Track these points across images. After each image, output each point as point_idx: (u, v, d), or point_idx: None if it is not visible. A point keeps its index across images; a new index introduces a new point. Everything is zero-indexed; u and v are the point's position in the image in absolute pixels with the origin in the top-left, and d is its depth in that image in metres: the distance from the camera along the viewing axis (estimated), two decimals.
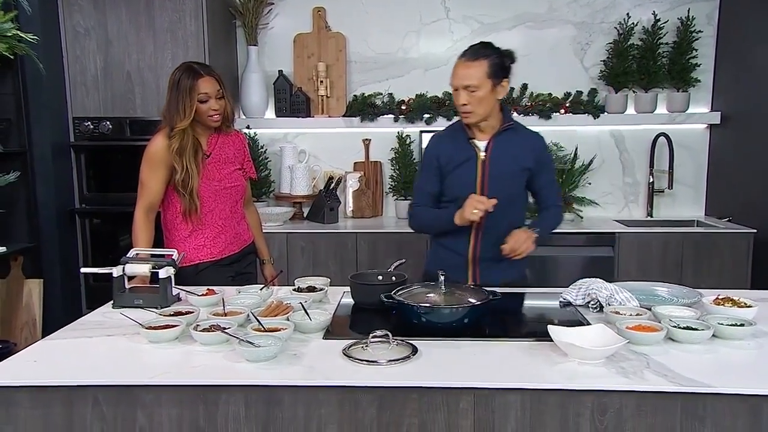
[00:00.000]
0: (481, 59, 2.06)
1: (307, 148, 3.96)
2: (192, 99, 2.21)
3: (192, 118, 2.22)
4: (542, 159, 2.23)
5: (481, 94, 2.06)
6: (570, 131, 3.88)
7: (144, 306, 1.93)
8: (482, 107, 2.08)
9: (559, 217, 2.32)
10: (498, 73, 2.08)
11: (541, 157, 2.22)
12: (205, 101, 2.23)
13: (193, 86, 2.21)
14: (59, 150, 3.46)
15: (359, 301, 2.00)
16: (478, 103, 2.07)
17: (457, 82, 2.09)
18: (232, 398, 1.44)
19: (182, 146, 2.22)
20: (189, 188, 2.23)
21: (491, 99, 2.09)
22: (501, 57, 2.11)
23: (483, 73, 2.05)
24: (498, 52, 2.12)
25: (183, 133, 2.23)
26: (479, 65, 2.05)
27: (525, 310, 2.05)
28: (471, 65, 2.06)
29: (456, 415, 1.41)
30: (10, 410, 1.44)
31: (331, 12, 3.91)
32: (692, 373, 1.39)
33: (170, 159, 2.23)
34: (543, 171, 2.22)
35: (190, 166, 2.23)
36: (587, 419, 1.39)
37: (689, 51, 3.70)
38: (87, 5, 3.41)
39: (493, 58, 2.08)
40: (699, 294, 1.90)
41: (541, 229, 2.16)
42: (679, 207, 3.94)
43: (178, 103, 2.22)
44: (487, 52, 2.09)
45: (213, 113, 2.26)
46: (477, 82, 2.05)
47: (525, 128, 2.26)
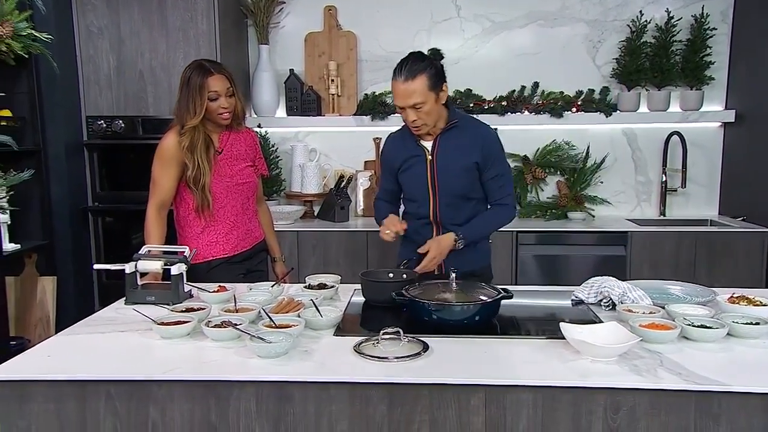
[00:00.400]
0: (418, 75, 2.04)
1: (318, 147, 3.97)
2: (202, 97, 2.22)
3: (202, 115, 2.23)
4: (489, 152, 2.20)
5: (428, 108, 2.09)
6: (582, 130, 3.86)
7: (156, 302, 1.94)
8: (431, 118, 2.13)
9: (502, 216, 2.26)
10: (437, 83, 2.09)
11: (487, 150, 2.20)
12: (215, 99, 2.24)
13: (204, 84, 2.22)
14: (73, 148, 3.49)
15: (370, 298, 2.00)
16: (426, 116, 2.11)
17: (401, 102, 2.10)
18: (244, 394, 1.44)
19: (193, 143, 2.23)
20: (201, 184, 2.25)
21: (437, 107, 2.13)
22: (433, 65, 2.09)
23: (424, 87, 2.05)
24: (429, 60, 2.10)
25: (194, 131, 2.24)
26: (419, 81, 2.04)
27: (537, 308, 2.03)
28: (410, 84, 2.04)
29: (467, 412, 1.41)
30: (24, 405, 1.45)
31: (343, 11, 3.91)
32: (707, 372, 1.38)
33: (182, 156, 2.24)
34: (489, 165, 2.20)
35: (202, 163, 2.24)
36: (600, 417, 1.37)
37: (703, 48, 3.67)
38: (100, 5, 3.44)
39: (429, 70, 2.07)
40: (713, 292, 1.88)
41: (469, 233, 2.18)
42: (693, 206, 3.90)
43: (188, 101, 2.23)
44: (421, 66, 2.06)
45: (223, 111, 2.27)
46: (421, 99, 2.06)
47: (474, 123, 2.26)
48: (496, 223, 2.27)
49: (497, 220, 2.26)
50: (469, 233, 2.18)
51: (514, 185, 3.84)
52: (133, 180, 3.56)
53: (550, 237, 3.49)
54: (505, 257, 3.45)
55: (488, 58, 3.89)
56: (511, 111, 3.80)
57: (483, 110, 3.79)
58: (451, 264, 2.19)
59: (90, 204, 3.62)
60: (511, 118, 3.79)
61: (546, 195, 3.93)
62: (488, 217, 2.25)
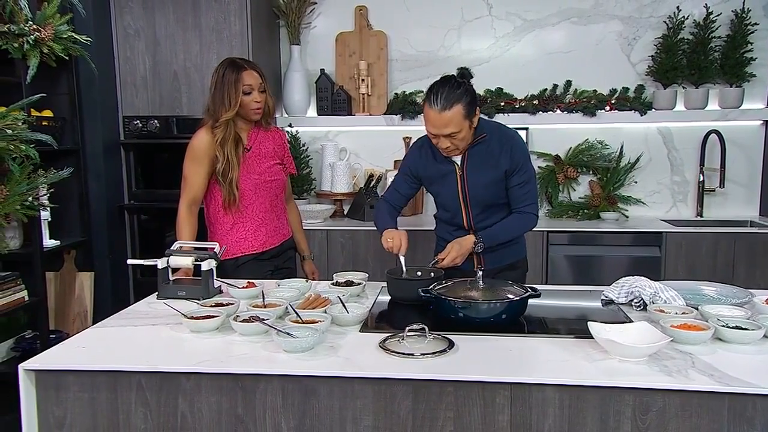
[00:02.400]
0: (454, 105, 2.00)
1: (348, 146, 3.99)
2: (237, 90, 2.27)
3: (237, 109, 2.27)
4: (517, 160, 2.18)
5: (462, 135, 2.07)
6: (615, 128, 3.79)
7: (187, 297, 1.98)
8: (465, 143, 2.12)
9: (524, 224, 2.25)
10: (472, 110, 2.05)
11: (516, 158, 2.17)
12: (248, 93, 2.29)
13: (239, 78, 2.27)
14: (110, 147, 3.58)
15: (395, 296, 2.00)
16: (461, 142, 2.10)
17: (436, 131, 2.06)
18: (270, 387, 1.46)
19: (225, 138, 2.28)
20: (229, 179, 2.29)
21: (470, 132, 2.11)
22: (468, 92, 2.04)
23: (460, 117, 2.02)
24: (465, 87, 2.04)
25: (227, 125, 2.28)
26: (455, 112, 2.00)
27: (565, 308, 2.01)
28: (446, 114, 2.00)
29: (492, 410, 1.40)
30: (59, 394, 1.50)
31: (373, 11, 3.93)
32: (740, 373, 1.34)
33: (212, 152, 2.28)
34: (514, 172, 2.18)
35: (231, 157, 2.28)
36: (628, 418, 1.35)
37: (744, 45, 3.56)
38: (137, 7, 3.52)
39: (465, 98, 2.01)
40: (750, 294, 1.83)
41: (489, 239, 2.18)
42: (731, 207, 3.80)
43: (223, 95, 2.28)
44: (457, 95, 2.00)
45: (256, 105, 2.31)
46: (457, 128, 2.03)
47: (500, 131, 2.21)
48: (517, 230, 2.26)
49: (519, 226, 2.25)
50: (489, 239, 2.18)
51: (546, 185, 3.82)
52: (168, 178, 3.63)
53: (582, 237, 3.43)
54: (536, 257, 3.41)
55: (520, 57, 3.85)
56: (542, 110, 3.75)
57: (514, 109, 3.76)
58: (488, 259, 2.25)
59: (126, 202, 3.70)
60: (542, 117, 3.75)
61: (578, 195, 3.87)
62: (510, 224, 2.23)
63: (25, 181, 2.54)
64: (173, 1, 3.49)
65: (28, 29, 2.45)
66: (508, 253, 2.31)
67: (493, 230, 2.21)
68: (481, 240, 2.16)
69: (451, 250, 2.13)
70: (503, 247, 2.28)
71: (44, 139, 2.51)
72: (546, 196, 3.88)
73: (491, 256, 2.26)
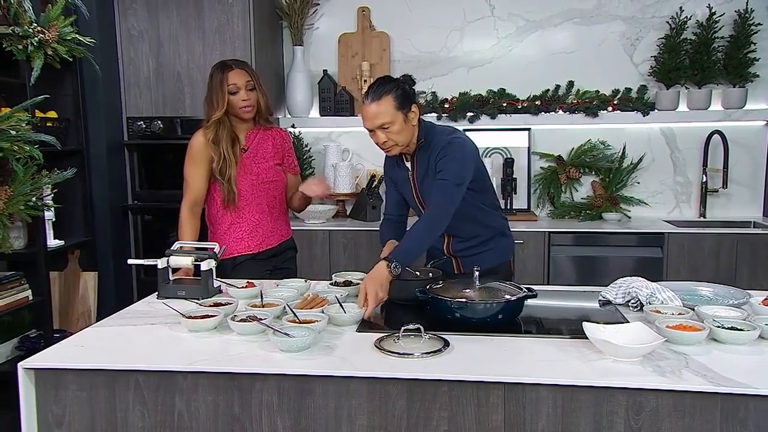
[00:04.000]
0: (384, 96, 2.04)
1: (351, 147, 4.00)
2: (223, 90, 2.30)
3: (225, 109, 2.30)
4: (438, 159, 2.11)
5: (397, 128, 2.07)
6: (618, 129, 3.78)
7: (186, 297, 1.99)
8: (401, 138, 2.10)
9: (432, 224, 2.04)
10: (405, 103, 2.07)
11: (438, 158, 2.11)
12: (235, 92, 2.31)
13: (223, 79, 2.31)
14: (114, 148, 3.60)
15: (393, 296, 2.00)
16: (396, 136, 2.08)
17: (369, 125, 2.09)
18: (266, 386, 1.47)
19: (218, 135, 2.31)
20: (227, 176, 2.31)
21: (407, 128, 2.10)
22: (402, 86, 2.08)
23: (391, 107, 2.04)
24: (397, 83, 2.08)
25: (218, 124, 2.32)
26: (385, 102, 2.04)
27: (563, 309, 2.01)
28: (377, 105, 2.04)
29: (486, 409, 1.40)
30: (58, 392, 1.52)
31: (376, 12, 3.94)
32: (734, 374, 1.34)
33: (208, 152, 2.30)
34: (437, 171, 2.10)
35: (228, 155, 2.30)
36: (621, 418, 1.35)
37: (747, 45, 3.55)
38: (141, 9, 3.54)
39: (396, 91, 2.05)
40: (748, 294, 1.82)
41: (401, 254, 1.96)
42: (735, 208, 3.78)
43: (212, 96, 2.32)
44: (387, 88, 2.05)
45: (243, 104, 2.33)
46: (389, 119, 2.05)
47: (438, 135, 2.16)
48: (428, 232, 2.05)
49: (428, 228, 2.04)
50: (401, 254, 1.96)
51: (548, 186, 3.82)
52: (171, 179, 3.64)
53: (583, 238, 3.43)
54: (537, 257, 3.41)
55: (522, 58, 3.85)
56: (545, 110, 3.76)
57: (516, 110, 3.76)
58: (469, 263, 2.23)
59: (130, 202, 3.73)
60: (544, 118, 3.76)
61: (580, 195, 3.87)
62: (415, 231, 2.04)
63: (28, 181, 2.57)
64: (177, 3, 3.51)
65: (32, 31, 2.47)
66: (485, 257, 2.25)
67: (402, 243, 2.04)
68: (393, 259, 1.92)
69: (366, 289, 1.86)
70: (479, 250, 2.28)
71: (48, 140, 2.52)
72: (548, 197, 3.88)
73: (468, 261, 2.27)
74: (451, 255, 2.33)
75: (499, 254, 2.35)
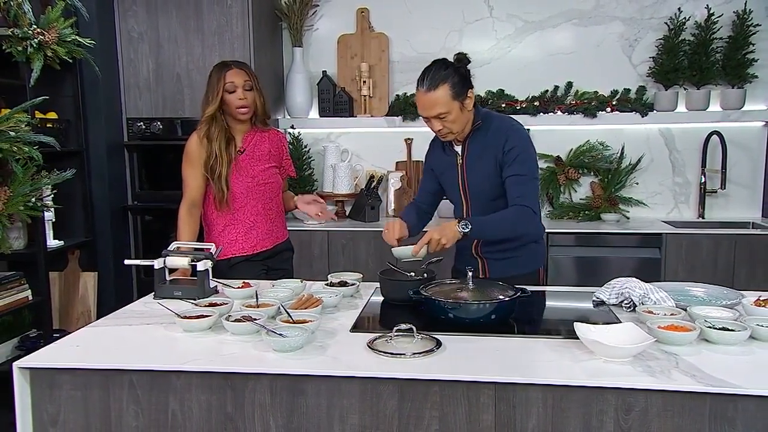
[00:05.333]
0: (440, 84, 2.00)
1: (350, 148, 4.01)
2: (219, 88, 2.32)
3: (218, 104, 2.32)
4: (509, 149, 2.09)
5: (453, 117, 2.05)
6: (617, 130, 3.79)
7: (183, 297, 2.01)
8: (457, 125, 2.09)
9: (519, 216, 2.06)
10: (461, 91, 2.03)
11: (508, 146, 2.09)
12: (232, 91, 2.33)
13: (221, 76, 2.33)
14: (114, 149, 3.62)
15: (388, 296, 2.02)
16: (452, 124, 2.07)
17: (425, 113, 2.07)
18: (259, 386, 1.48)
19: (211, 132, 2.33)
20: (217, 174, 2.31)
21: (463, 115, 2.08)
22: (457, 72, 2.04)
23: (447, 97, 2.01)
24: (453, 68, 2.04)
25: (212, 120, 2.33)
26: (441, 91, 2.00)
27: (557, 309, 2.01)
28: (433, 94, 2.01)
29: (477, 409, 1.41)
30: (53, 391, 1.53)
31: (375, 13, 3.95)
32: (723, 374, 1.34)
33: (202, 151, 2.32)
34: (507, 163, 2.10)
35: (220, 153, 2.31)
36: (611, 417, 1.36)
37: (746, 46, 3.55)
38: (141, 10, 3.56)
39: (452, 78, 2.01)
40: (741, 295, 1.83)
41: (478, 223, 2.03)
42: (734, 208, 3.78)
43: (208, 93, 2.35)
44: (443, 75, 2.01)
45: (240, 103, 2.34)
46: (445, 109, 2.02)
47: (498, 120, 2.18)
48: (512, 222, 2.07)
49: (513, 218, 2.06)
50: (478, 223, 2.03)
51: (547, 186, 3.82)
52: (171, 179, 3.65)
53: (582, 238, 3.43)
54: None
55: (521, 59, 3.86)
56: (543, 111, 3.77)
57: (515, 111, 3.77)
58: (497, 268, 2.22)
59: (130, 202, 3.75)
60: (543, 119, 3.76)
61: (579, 196, 3.87)
62: (503, 214, 2.08)
63: (28, 182, 2.58)
64: (176, 5, 3.53)
65: (32, 33, 2.49)
66: (514, 263, 2.21)
67: (484, 218, 2.10)
68: (467, 223, 2.00)
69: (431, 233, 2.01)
70: (508, 255, 2.20)
71: (47, 141, 2.54)
72: (547, 197, 3.88)
73: (496, 265, 2.23)
74: (479, 256, 2.25)
75: (528, 263, 2.25)
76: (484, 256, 2.26)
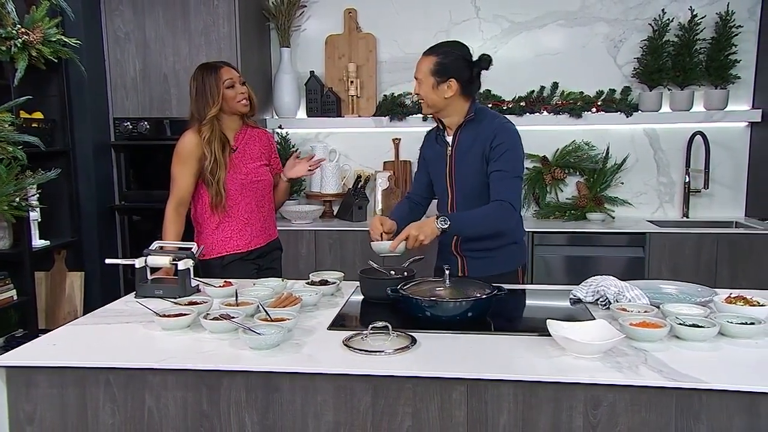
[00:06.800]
0: (431, 55, 2.13)
1: (338, 148, 4.02)
2: (219, 86, 2.34)
3: (220, 105, 2.34)
4: (495, 145, 2.11)
5: (425, 89, 2.14)
6: (602, 130, 3.81)
7: (164, 296, 2.02)
8: (429, 99, 2.16)
9: (497, 212, 2.07)
10: (440, 72, 2.11)
11: (496, 142, 2.11)
12: (231, 86, 2.37)
13: (218, 75, 2.36)
14: (101, 149, 3.63)
15: (368, 295, 2.03)
16: (425, 95, 2.16)
17: (415, 72, 2.18)
18: (234, 383, 1.49)
19: (212, 136, 2.35)
20: (217, 178, 2.34)
21: (436, 95, 2.13)
22: (450, 56, 2.11)
23: (427, 68, 2.12)
24: (454, 51, 2.12)
25: (212, 123, 2.35)
26: (427, 60, 2.12)
27: (534, 307, 2.03)
28: (423, 59, 2.14)
29: (449, 405, 1.43)
30: (29, 390, 1.54)
31: (362, 13, 3.97)
32: (690, 370, 1.36)
33: (200, 152, 2.34)
34: (493, 158, 2.11)
35: (219, 156, 2.33)
36: (580, 413, 1.38)
37: (728, 47, 3.59)
38: (127, 11, 3.57)
39: (441, 57, 2.11)
40: (714, 293, 1.85)
41: (456, 219, 2.05)
42: (717, 208, 3.81)
43: (206, 94, 2.36)
44: (442, 51, 2.13)
45: (241, 98, 2.39)
46: (420, 76, 2.14)
47: (490, 116, 2.21)
48: (491, 218, 2.08)
49: (493, 214, 2.08)
50: (457, 219, 2.05)
51: (533, 186, 3.84)
52: (158, 179, 3.65)
53: (566, 238, 3.46)
54: None
55: (507, 59, 3.88)
56: (529, 111, 3.79)
57: (502, 111, 3.77)
58: (476, 266, 2.25)
59: (117, 202, 3.75)
60: (529, 119, 3.78)
61: (565, 196, 3.90)
62: (482, 210, 2.10)
63: (12, 182, 2.59)
64: (162, 5, 3.54)
65: (16, 33, 2.49)
66: (493, 262, 2.23)
67: (463, 214, 2.14)
68: (445, 218, 2.02)
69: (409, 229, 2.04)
70: (488, 254, 2.23)
71: (31, 141, 2.55)
72: (533, 197, 3.90)
73: (475, 263, 2.25)
74: (459, 254, 2.28)
75: (508, 262, 2.27)
76: (464, 255, 2.28)
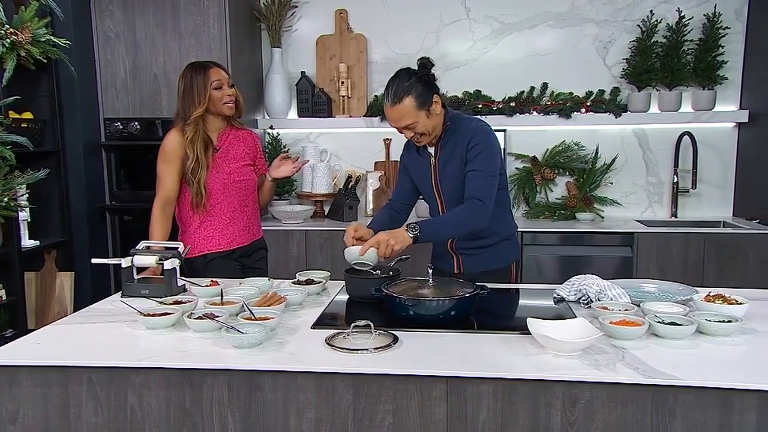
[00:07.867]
0: (404, 97, 2.03)
1: (329, 148, 4.03)
2: (206, 87, 2.35)
3: (206, 105, 2.35)
4: (471, 147, 2.12)
5: (421, 126, 2.09)
6: (591, 130, 3.83)
7: (150, 296, 2.02)
8: (431, 128, 2.13)
9: (467, 213, 2.07)
10: (426, 99, 2.06)
11: (470, 144, 2.12)
12: (219, 88, 2.38)
13: (207, 75, 2.37)
14: (91, 149, 3.63)
15: (352, 294, 2.04)
16: (423, 131, 2.11)
17: (394, 125, 2.13)
18: (216, 382, 1.50)
19: (195, 136, 2.35)
20: (198, 178, 2.35)
21: (431, 120, 2.11)
22: (420, 80, 2.05)
23: (412, 108, 2.04)
24: (416, 77, 2.05)
25: (196, 123, 2.35)
26: (406, 103, 2.03)
27: (518, 305, 2.05)
28: (398, 107, 2.04)
29: (429, 403, 1.44)
30: (12, 389, 1.54)
31: (353, 14, 3.98)
32: (666, 367, 1.38)
33: (183, 151, 2.35)
34: (469, 160, 2.12)
35: (201, 157, 2.34)
36: (558, 410, 1.39)
37: (716, 48, 3.61)
38: (117, 11, 3.57)
39: (415, 89, 2.03)
40: (694, 291, 1.87)
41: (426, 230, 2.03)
42: (705, 208, 3.84)
43: (193, 94, 2.36)
44: (406, 87, 2.03)
45: (227, 99, 2.39)
46: (411, 119, 2.06)
47: (466, 122, 2.20)
48: (464, 218, 2.07)
49: (465, 214, 2.07)
50: (428, 226, 2.06)
51: (523, 186, 3.86)
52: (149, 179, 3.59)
53: (556, 237, 3.48)
54: None
55: (497, 60, 3.90)
56: (519, 112, 3.81)
57: (491, 111, 3.81)
58: (471, 263, 2.27)
59: (107, 202, 3.75)
60: (519, 119, 3.80)
61: (555, 196, 3.92)
62: (454, 212, 2.11)
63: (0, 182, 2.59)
64: (153, 5, 3.54)
65: (5, 33, 2.49)
66: (487, 259, 2.27)
67: (435, 219, 2.18)
68: (416, 226, 2.01)
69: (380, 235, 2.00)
70: (482, 251, 2.26)
71: (20, 141, 2.55)
72: (523, 197, 3.92)
73: (469, 260, 2.29)
74: (454, 252, 2.31)
75: (502, 258, 2.31)
76: (459, 253, 2.31)
